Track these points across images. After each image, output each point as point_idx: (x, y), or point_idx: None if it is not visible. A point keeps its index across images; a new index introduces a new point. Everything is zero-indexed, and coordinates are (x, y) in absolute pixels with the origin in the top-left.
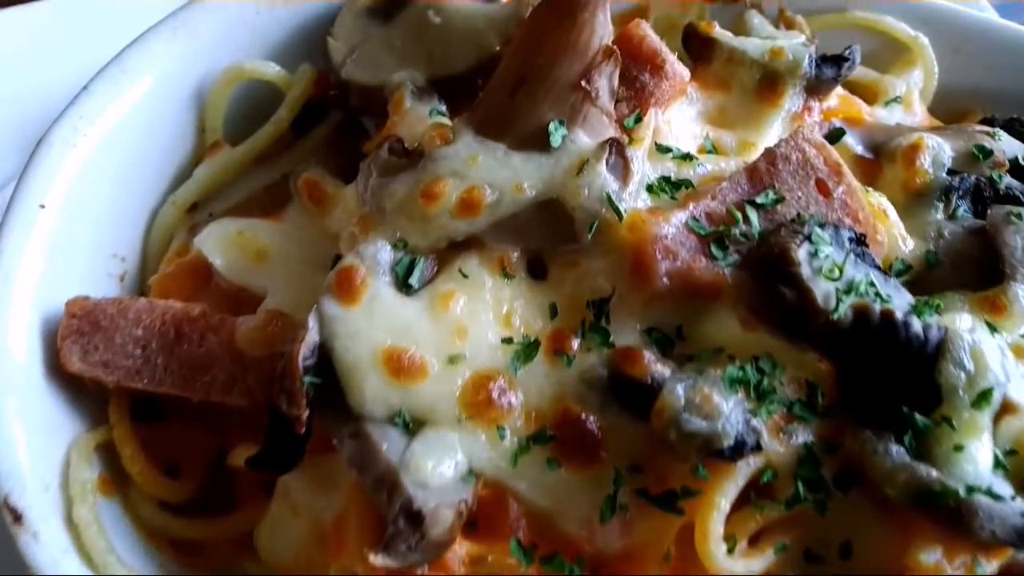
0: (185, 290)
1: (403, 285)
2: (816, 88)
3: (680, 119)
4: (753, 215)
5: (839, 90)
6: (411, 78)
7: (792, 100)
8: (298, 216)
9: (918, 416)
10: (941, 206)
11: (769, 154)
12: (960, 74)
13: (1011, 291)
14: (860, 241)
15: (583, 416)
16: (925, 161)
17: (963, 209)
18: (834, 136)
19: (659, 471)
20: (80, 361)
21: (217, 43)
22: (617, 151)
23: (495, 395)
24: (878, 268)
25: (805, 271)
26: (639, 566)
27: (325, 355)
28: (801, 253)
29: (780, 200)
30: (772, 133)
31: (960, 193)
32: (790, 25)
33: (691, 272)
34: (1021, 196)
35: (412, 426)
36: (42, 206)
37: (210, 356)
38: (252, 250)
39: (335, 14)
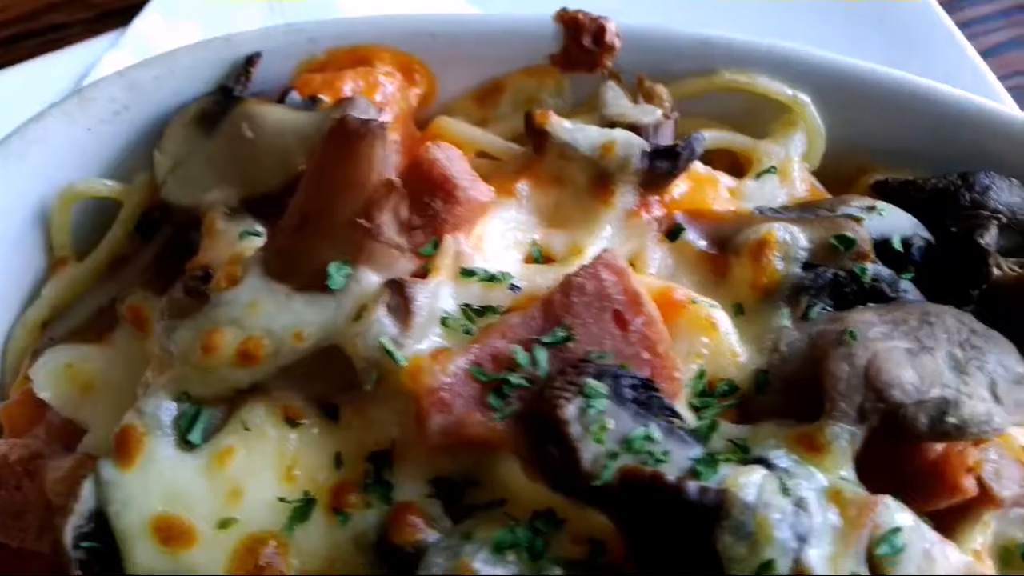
0: (28, 420)
1: (184, 443)
2: (652, 183)
3: (503, 226)
4: (541, 356)
5: (700, 167)
6: (224, 198)
7: (625, 198)
8: (124, 342)
9: None
10: (787, 309)
11: (565, 284)
12: (852, 131)
13: (828, 430)
14: (647, 386)
15: None
16: (774, 257)
17: (819, 309)
18: (674, 233)
19: None
20: None
21: (50, 166)
22: (398, 292)
23: (266, 560)
24: (670, 412)
25: (574, 429)
26: None
27: (103, 520)
28: (571, 410)
29: (569, 338)
30: (604, 234)
31: (814, 292)
32: (649, 96)
33: (463, 427)
34: (888, 290)
35: None
36: None
37: (25, 502)
38: (79, 382)
39: None
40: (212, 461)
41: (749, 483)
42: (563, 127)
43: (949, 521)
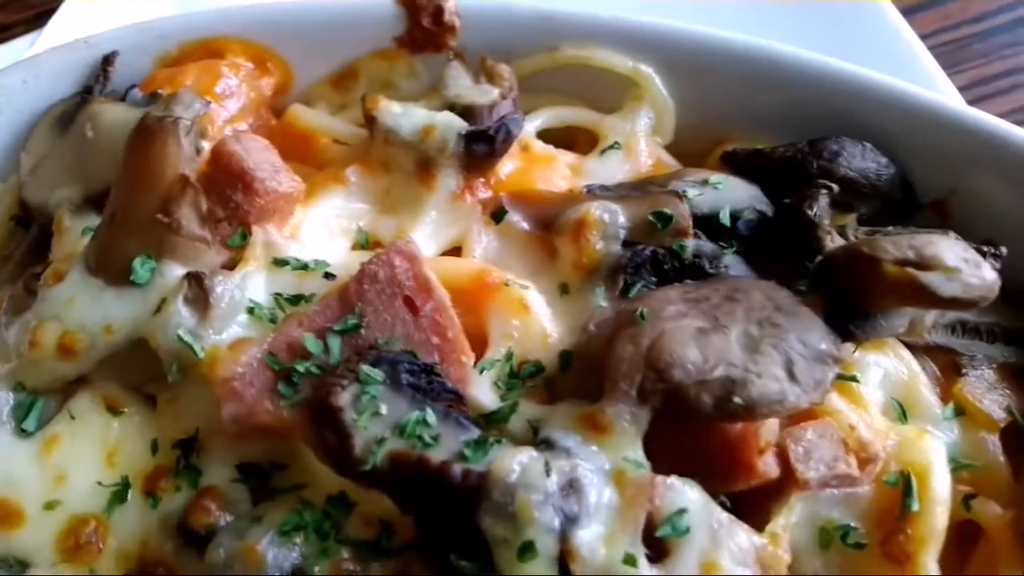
0: None
1: (19, 430)
2: (474, 165)
3: (329, 214)
4: (334, 344)
5: (537, 144)
6: (70, 196)
7: (447, 181)
8: None
9: (465, 564)
10: (603, 289)
11: (360, 272)
12: (706, 102)
13: (609, 410)
14: (428, 371)
15: (160, 560)
16: (593, 236)
17: (641, 287)
18: (498, 215)
19: None
20: None
21: None
22: (196, 284)
23: (86, 539)
24: (452, 396)
25: (348, 416)
26: None
27: None
28: (345, 396)
29: (361, 325)
30: (429, 218)
31: (631, 270)
32: (491, 76)
33: (253, 415)
34: (708, 266)
35: (17, 567)
36: None
37: None
38: None
39: None
40: (42, 448)
41: (512, 465)
42: (389, 112)
43: (758, 504)
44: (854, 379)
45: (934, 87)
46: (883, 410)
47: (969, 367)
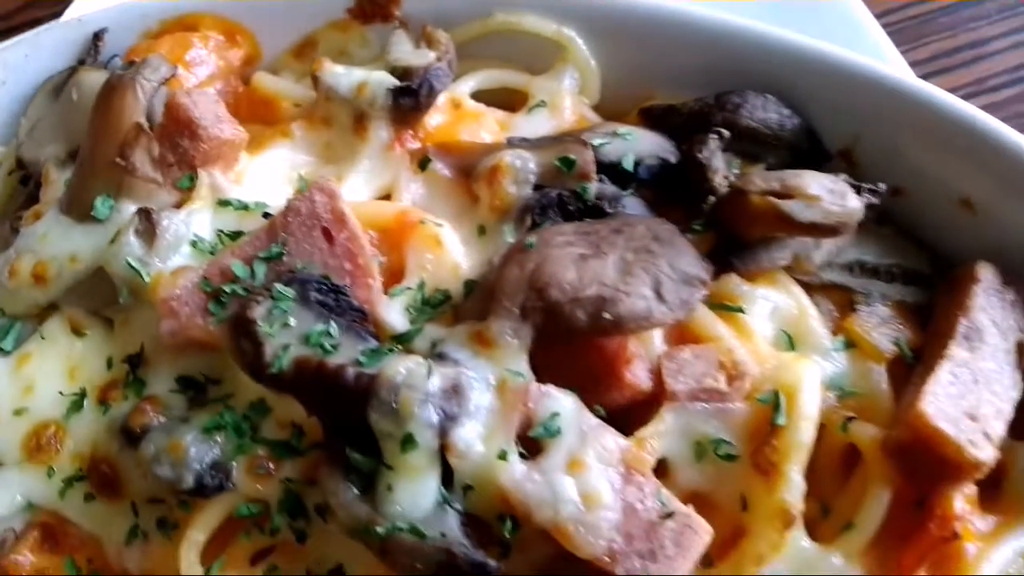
0: None
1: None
2: (402, 119)
3: (274, 161)
4: (259, 269)
5: (469, 103)
6: (56, 152)
7: (379, 133)
8: None
9: (357, 456)
10: (512, 228)
11: (285, 207)
12: (626, 62)
13: (495, 326)
14: (336, 291)
15: (106, 458)
16: (505, 180)
17: (545, 227)
18: (423, 163)
19: (169, 507)
20: None
21: None
22: (143, 219)
23: (46, 441)
24: (357, 313)
25: (261, 327)
26: None
27: None
28: (259, 311)
29: (283, 253)
30: (363, 167)
31: (539, 210)
32: (430, 42)
33: (187, 330)
34: (607, 206)
35: None
36: None
37: None
38: None
39: None
40: (15, 364)
41: (399, 368)
42: (331, 72)
43: (636, 417)
44: (740, 310)
45: (880, 56)
46: (773, 342)
47: (864, 304)
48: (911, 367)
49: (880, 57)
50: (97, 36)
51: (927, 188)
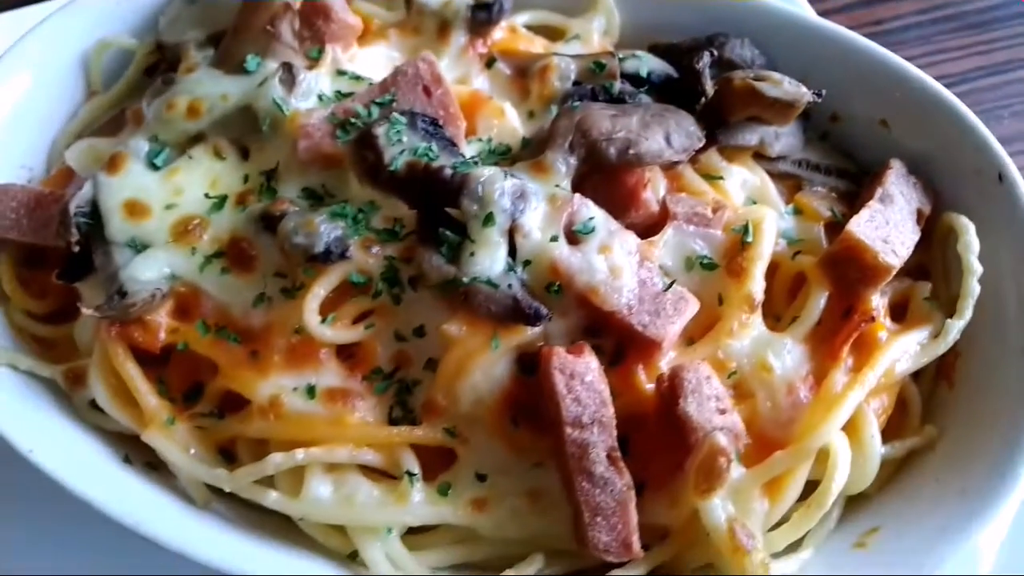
0: (63, 182)
1: (152, 166)
2: (476, 29)
3: (375, 55)
4: (375, 110)
5: (523, 30)
6: (196, 36)
7: (458, 39)
8: (127, 133)
9: (449, 234)
10: (556, 109)
11: (396, 69)
12: (640, 13)
13: (549, 156)
14: (434, 123)
15: (244, 238)
16: (553, 77)
17: None
18: (490, 63)
19: (292, 275)
20: None
21: (90, 26)
22: (286, 71)
23: (192, 228)
24: (446, 140)
25: (381, 141)
26: (275, 335)
27: (95, 205)
28: (380, 130)
29: (393, 100)
30: (444, 64)
31: (576, 98)
32: None
33: (319, 148)
34: (628, 98)
35: (140, 247)
36: None
37: (51, 217)
38: (95, 156)
39: None
40: (166, 174)
41: (484, 171)
42: None
43: (648, 234)
44: (720, 177)
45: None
46: (743, 205)
47: (808, 187)
48: (840, 226)
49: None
50: None
51: (854, 113)
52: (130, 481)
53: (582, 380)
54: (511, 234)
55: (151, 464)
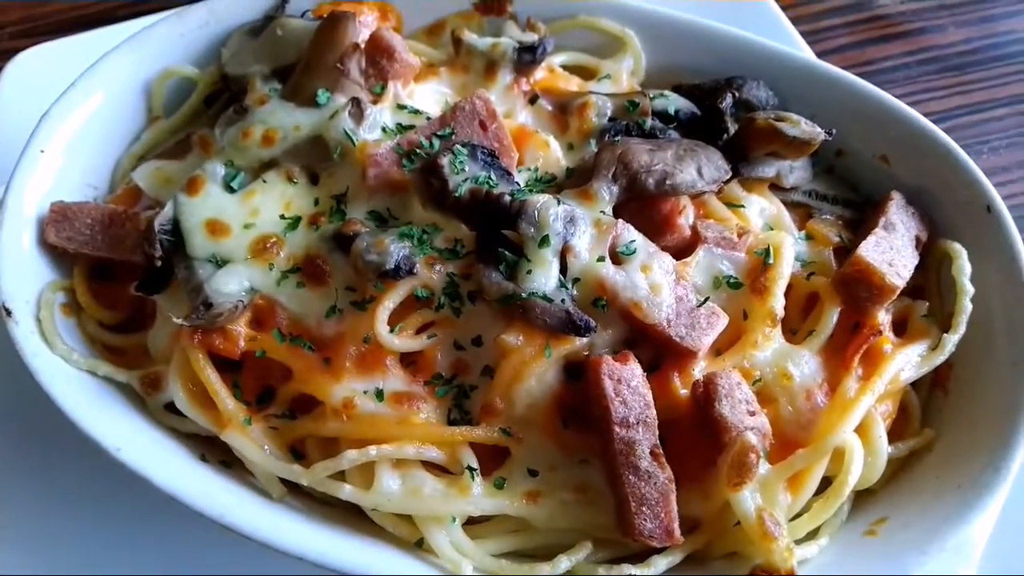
0: (128, 203)
1: (228, 188)
2: (521, 69)
3: (428, 91)
4: (436, 142)
5: (559, 69)
6: (261, 69)
7: (504, 78)
8: (193, 157)
9: (507, 253)
10: (594, 144)
11: (455, 106)
12: (664, 55)
13: (594, 186)
14: (492, 154)
15: (318, 257)
16: (591, 114)
17: None
18: (533, 99)
19: (362, 289)
20: (55, 237)
21: (154, 56)
22: (356, 105)
23: (269, 246)
24: (503, 170)
25: (446, 170)
26: (346, 343)
27: (176, 223)
28: (445, 160)
29: (452, 134)
30: (492, 100)
31: (612, 133)
32: (533, 28)
33: (388, 175)
34: (659, 133)
35: (220, 263)
36: (42, 151)
37: (126, 233)
38: (163, 178)
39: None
40: (243, 197)
41: (539, 198)
42: (470, 36)
43: (681, 256)
44: (741, 205)
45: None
46: (761, 230)
47: (817, 215)
48: (849, 252)
49: (796, 47)
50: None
51: (857, 149)
52: (209, 477)
53: (628, 384)
54: (563, 255)
55: (225, 462)
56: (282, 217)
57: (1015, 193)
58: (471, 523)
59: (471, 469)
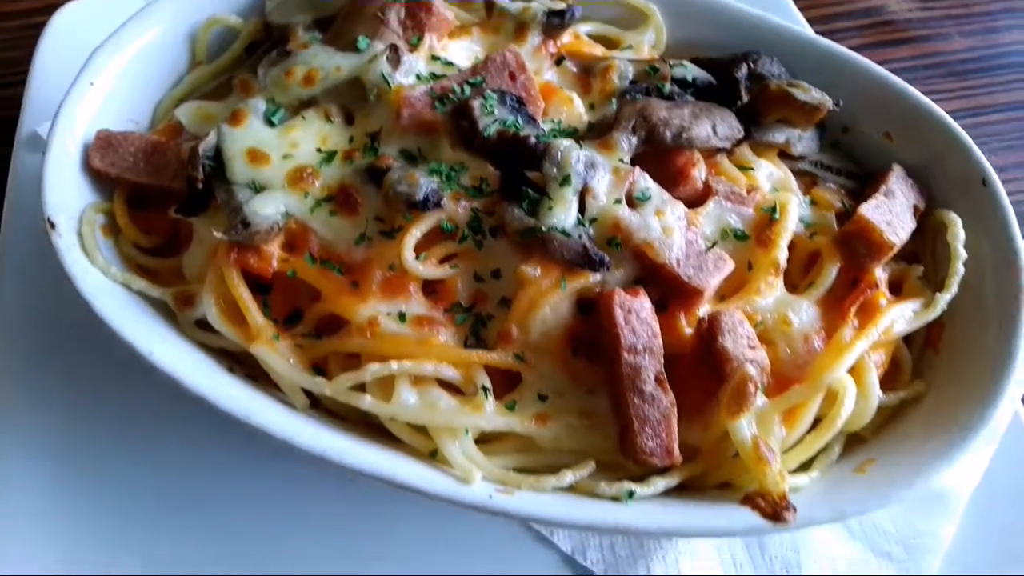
0: (171, 135)
1: (269, 122)
2: (549, 31)
3: (460, 47)
4: (467, 89)
5: (585, 37)
6: (304, 19)
7: (533, 39)
8: (234, 98)
9: (531, 191)
10: (615, 102)
11: (487, 57)
12: (684, 30)
13: (615, 135)
14: (520, 101)
15: (351, 187)
16: (614, 76)
17: None
18: (559, 61)
19: (390, 219)
20: (99, 162)
21: (204, 3)
22: (392, 51)
23: (305, 176)
24: (529, 116)
25: (476, 112)
26: (373, 269)
27: (218, 151)
28: (476, 103)
29: (483, 80)
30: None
31: (633, 94)
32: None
33: (420, 115)
34: (676, 97)
35: (258, 189)
36: (91, 83)
37: (168, 161)
38: (204, 116)
39: None
40: (282, 131)
41: (563, 142)
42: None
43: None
44: (751, 168)
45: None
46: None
47: (822, 184)
48: (848, 216)
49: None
50: None
51: (862, 125)
52: (236, 384)
53: (637, 315)
54: (582, 196)
55: (251, 376)
56: (318, 151)
57: (1011, 192)
58: (480, 443)
59: (485, 389)
